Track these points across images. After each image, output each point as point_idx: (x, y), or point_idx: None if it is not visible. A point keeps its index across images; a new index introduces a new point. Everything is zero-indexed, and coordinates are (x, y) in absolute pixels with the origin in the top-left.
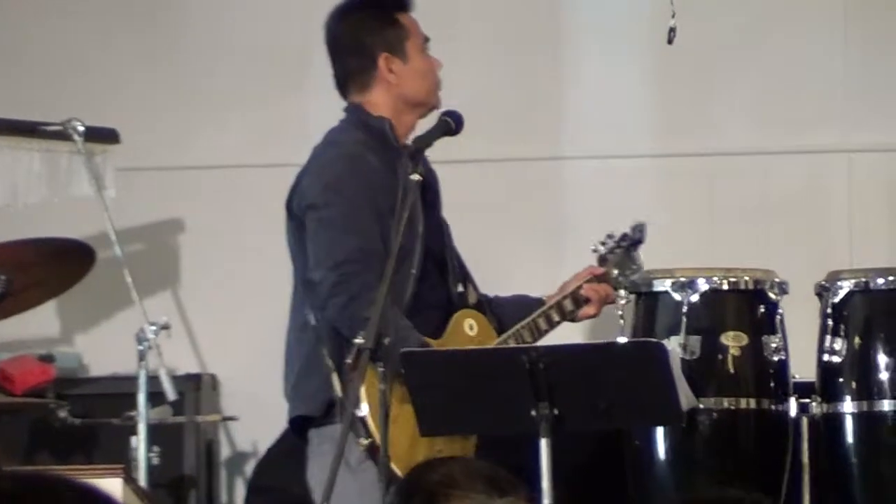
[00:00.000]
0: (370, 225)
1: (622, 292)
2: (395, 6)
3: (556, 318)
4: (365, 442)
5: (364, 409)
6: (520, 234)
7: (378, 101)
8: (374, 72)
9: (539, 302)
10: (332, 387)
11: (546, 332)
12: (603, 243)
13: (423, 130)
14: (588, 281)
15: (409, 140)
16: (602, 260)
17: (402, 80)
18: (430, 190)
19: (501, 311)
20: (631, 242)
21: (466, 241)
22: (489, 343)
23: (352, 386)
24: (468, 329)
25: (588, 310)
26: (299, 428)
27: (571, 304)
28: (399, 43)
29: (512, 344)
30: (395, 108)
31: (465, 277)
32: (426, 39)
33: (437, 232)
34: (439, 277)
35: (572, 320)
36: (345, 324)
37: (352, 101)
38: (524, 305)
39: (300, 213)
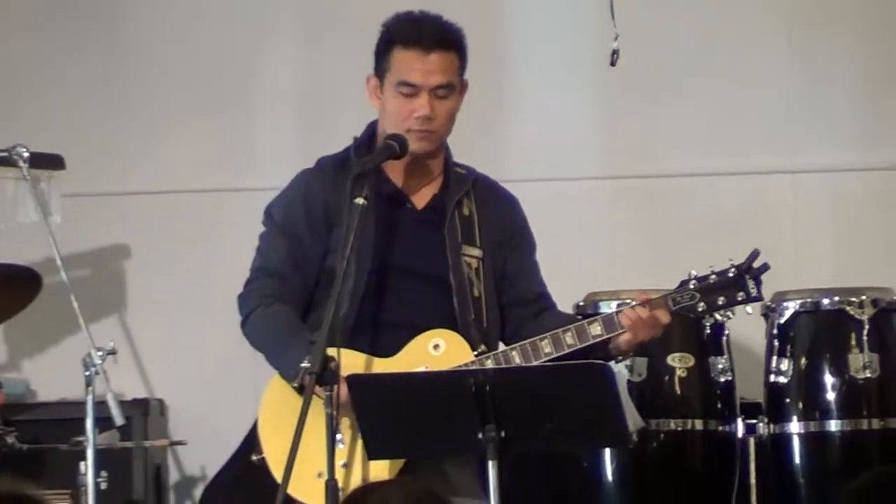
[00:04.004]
0: (276, 246)
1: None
2: (399, 40)
3: (569, 341)
4: (256, 457)
5: (258, 425)
6: None
7: (379, 114)
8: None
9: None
10: None
11: (552, 356)
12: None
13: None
14: (633, 306)
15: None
16: (681, 285)
17: (381, 107)
18: (436, 211)
19: (544, 329)
20: (740, 270)
21: None
22: (456, 363)
23: (301, 410)
24: (431, 349)
25: (624, 337)
26: None
27: (601, 329)
28: (381, 72)
29: (490, 364)
30: (382, 128)
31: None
32: (403, 83)
33: (431, 254)
34: (422, 299)
35: (607, 348)
36: (248, 340)
37: None
38: (562, 324)
39: None
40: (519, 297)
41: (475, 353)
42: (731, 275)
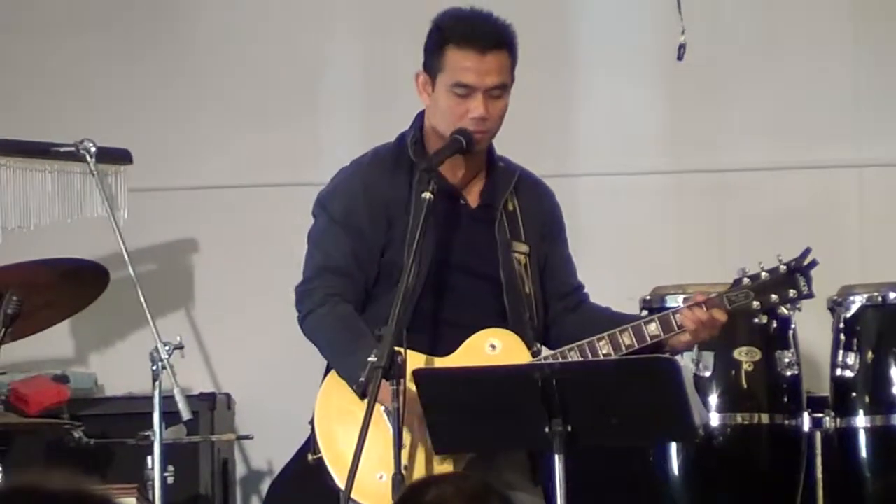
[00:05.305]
0: (338, 242)
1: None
2: (453, 39)
3: (626, 341)
4: (312, 457)
5: (314, 425)
6: None
7: (427, 110)
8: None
9: (628, 319)
10: None
11: (610, 357)
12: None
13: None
14: (691, 306)
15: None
16: (735, 283)
17: (431, 104)
18: (487, 209)
19: (583, 323)
20: (791, 268)
21: None
22: (513, 363)
23: (367, 405)
24: (488, 349)
25: (682, 337)
26: None
27: (658, 329)
28: (433, 70)
29: None
30: (431, 125)
31: (516, 298)
32: (458, 84)
33: (484, 252)
34: (476, 298)
35: (658, 348)
36: (308, 338)
37: None
38: (611, 321)
39: None
40: (557, 291)
41: (531, 352)
42: (782, 272)
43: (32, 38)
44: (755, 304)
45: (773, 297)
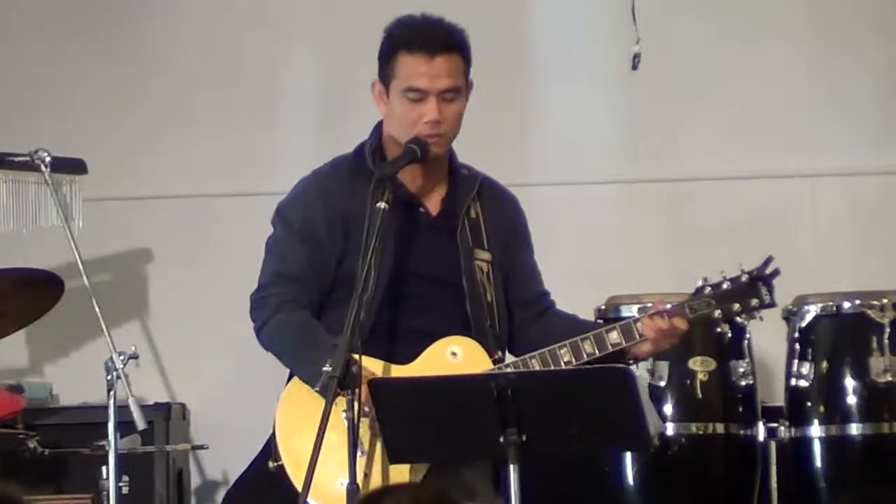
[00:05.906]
0: (294, 251)
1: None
2: (403, 45)
3: (588, 349)
4: (273, 465)
5: (275, 433)
6: None
7: (384, 119)
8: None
9: (593, 327)
10: None
11: (571, 364)
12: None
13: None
14: (652, 315)
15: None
16: (697, 292)
17: (387, 113)
18: (448, 216)
19: (548, 331)
20: (753, 277)
21: None
22: (474, 371)
23: (323, 414)
24: (449, 356)
25: (643, 346)
26: None
27: (620, 338)
28: (387, 78)
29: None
30: (388, 134)
31: (477, 306)
32: (410, 89)
33: (445, 260)
34: (438, 306)
35: (620, 356)
36: (264, 346)
37: None
38: (575, 329)
39: None
40: (521, 299)
41: (493, 359)
42: (744, 281)
43: None
44: (717, 312)
45: (736, 306)
